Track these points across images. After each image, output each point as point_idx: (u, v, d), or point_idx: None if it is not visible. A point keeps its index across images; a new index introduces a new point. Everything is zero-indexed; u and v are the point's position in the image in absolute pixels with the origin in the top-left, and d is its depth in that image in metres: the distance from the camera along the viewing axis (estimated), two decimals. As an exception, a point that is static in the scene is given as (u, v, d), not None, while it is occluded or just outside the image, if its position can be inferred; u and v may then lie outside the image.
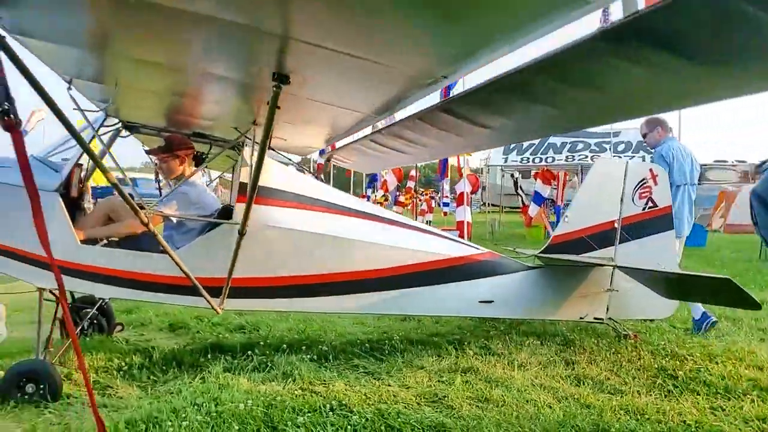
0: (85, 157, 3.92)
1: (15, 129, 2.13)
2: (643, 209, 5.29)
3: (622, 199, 5.27)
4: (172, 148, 4.21)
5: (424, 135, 3.35)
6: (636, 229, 5.26)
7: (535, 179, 20.00)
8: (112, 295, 4.02)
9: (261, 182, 4.23)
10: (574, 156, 20.59)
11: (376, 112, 2.34)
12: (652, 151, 5.99)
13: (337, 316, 5.78)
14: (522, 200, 22.53)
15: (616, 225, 5.27)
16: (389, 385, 3.87)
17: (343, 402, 3.41)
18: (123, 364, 4.17)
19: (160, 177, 4.74)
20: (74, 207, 4.30)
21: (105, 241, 4.14)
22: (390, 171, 19.44)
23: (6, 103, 2.03)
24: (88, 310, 5.05)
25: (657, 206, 5.29)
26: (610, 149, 19.43)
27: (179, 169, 4.29)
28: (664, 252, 5.23)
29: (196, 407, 3.25)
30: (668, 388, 3.73)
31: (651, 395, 3.61)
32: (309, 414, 3.20)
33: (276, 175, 4.28)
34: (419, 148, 3.94)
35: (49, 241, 2.46)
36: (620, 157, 16.92)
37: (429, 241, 4.91)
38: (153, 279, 4.06)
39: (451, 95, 2.70)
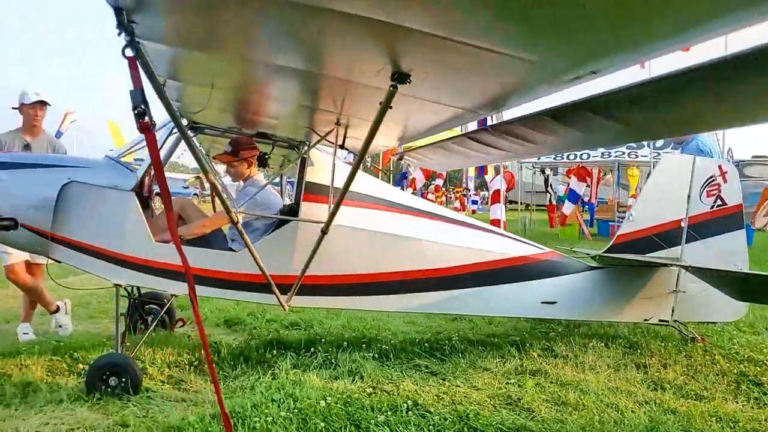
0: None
1: (150, 131, 2.16)
2: (711, 208, 5.13)
3: (688, 197, 5.12)
4: (239, 151, 4.23)
5: (525, 136, 3.30)
6: (703, 228, 5.11)
7: (569, 176, 19.67)
8: (184, 292, 4.06)
9: (326, 182, 4.27)
10: (610, 153, 20.12)
11: (484, 110, 2.29)
12: (679, 145, 5.78)
13: (390, 314, 5.77)
14: (550, 198, 22.18)
15: (682, 224, 5.13)
16: (458, 386, 3.83)
17: (418, 402, 3.38)
18: (193, 359, 4.22)
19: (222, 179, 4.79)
20: (145, 206, 4.38)
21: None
22: (418, 168, 19.36)
23: (142, 106, 2.06)
24: (152, 305, 5.17)
25: (726, 204, 5.12)
26: (649, 145, 18.94)
27: (247, 171, 4.32)
28: (734, 252, 5.06)
29: (274, 403, 3.27)
30: (754, 395, 3.60)
31: (737, 402, 3.49)
32: (388, 413, 3.18)
33: (341, 174, 4.28)
34: (514, 149, 3.88)
35: (182, 248, 2.47)
36: (659, 153, 16.47)
37: (492, 240, 4.85)
38: (223, 276, 4.11)
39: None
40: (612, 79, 1.76)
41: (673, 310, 5.03)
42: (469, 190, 26.81)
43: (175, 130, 4.21)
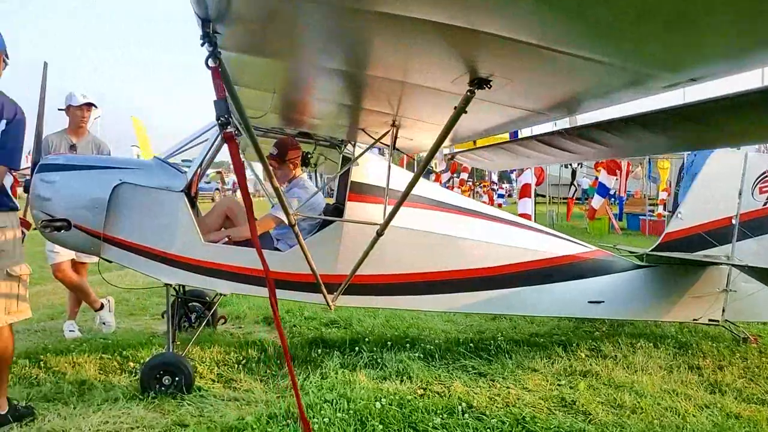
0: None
1: (233, 140, 2.17)
2: (765, 204, 4.96)
3: (740, 194, 4.97)
4: (285, 153, 4.24)
5: (602, 140, 3.25)
6: (756, 225, 4.95)
7: (597, 170, 19.29)
8: (233, 291, 4.09)
9: (377, 182, 4.25)
10: (640, 145, 19.58)
11: (558, 113, 2.23)
12: None
13: (429, 313, 5.74)
14: (574, 191, 21.77)
15: (733, 221, 4.97)
16: (509, 388, 3.78)
17: (472, 404, 3.35)
18: (240, 357, 4.26)
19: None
20: (192, 206, 4.42)
21: (225, 239, 4.24)
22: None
23: (226, 116, 2.06)
24: (195, 304, 5.23)
25: (781, 201, 4.95)
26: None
27: (292, 173, 4.32)
28: (791, 250, 4.89)
29: (328, 403, 3.27)
30: (822, 400, 3.48)
31: (805, 407, 3.38)
32: (444, 415, 3.16)
33: (399, 177, 4.27)
34: (584, 151, 3.82)
35: (262, 252, 2.46)
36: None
37: (539, 239, 4.77)
38: (274, 276, 4.10)
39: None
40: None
41: (723, 310, 4.89)
42: (496, 184, 26.58)
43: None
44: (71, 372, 3.93)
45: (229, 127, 2.08)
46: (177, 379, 3.57)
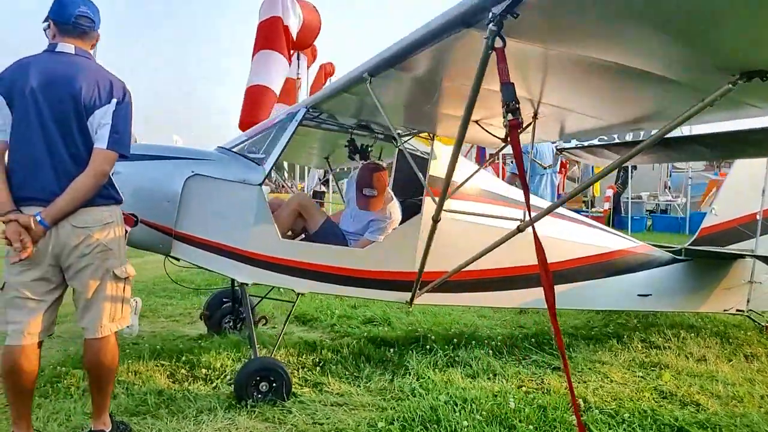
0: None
1: (516, 129, 1.99)
2: (787, 201, 5.33)
3: (763, 192, 5.31)
4: (383, 186, 4.08)
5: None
6: (778, 220, 5.31)
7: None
8: (310, 290, 3.87)
9: (455, 177, 4.16)
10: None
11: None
12: None
13: (457, 307, 5.71)
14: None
15: (757, 217, 5.31)
16: (600, 382, 3.81)
17: (587, 399, 3.36)
18: (316, 359, 4.05)
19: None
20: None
21: (303, 235, 4.00)
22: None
23: (514, 102, 1.89)
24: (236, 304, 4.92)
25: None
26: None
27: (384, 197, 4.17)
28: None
29: (448, 405, 3.17)
30: None
31: None
32: (571, 412, 3.14)
33: (465, 169, 4.20)
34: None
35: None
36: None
37: (595, 234, 4.88)
38: (346, 272, 3.94)
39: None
40: None
41: (748, 300, 5.24)
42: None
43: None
44: (138, 382, 3.57)
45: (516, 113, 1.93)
46: (275, 385, 3.32)
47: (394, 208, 4.10)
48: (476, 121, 3.55)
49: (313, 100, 3.80)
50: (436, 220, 3.28)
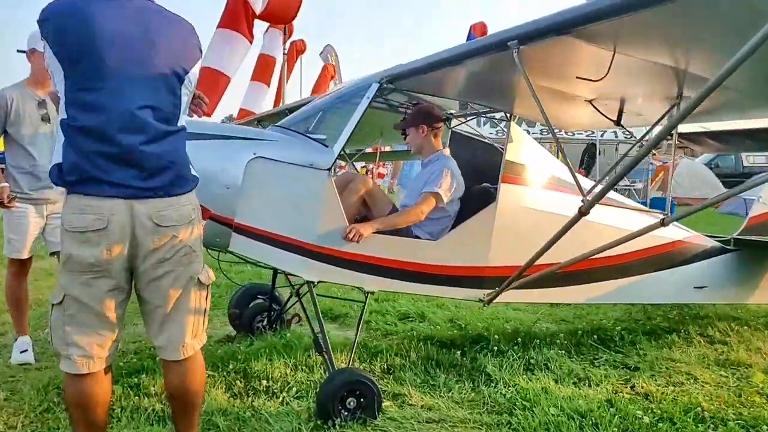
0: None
1: None
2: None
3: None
4: (434, 121, 3.64)
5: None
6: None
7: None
8: (381, 288, 3.45)
9: (533, 163, 3.81)
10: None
11: None
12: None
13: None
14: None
15: (808, 204, 5.23)
16: (695, 383, 3.57)
17: (702, 406, 3.10)
18: (384, 365, 3.65)
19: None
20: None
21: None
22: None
23: None
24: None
25: None
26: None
27: (434, 145, 3.73)
28: None
29: (571, 422, 2.84)
30: None
31: None
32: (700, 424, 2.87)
33: (541, 155, 3.86)
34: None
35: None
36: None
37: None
38: (419, 268, 3.53)
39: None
40: None
41: (790, 291, 5.16)
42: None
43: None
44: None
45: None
46: (364, 400, 2.90)
47: (455, 167, 3.67)
48: (591, 101, 3.19)
49: (394, 73, 3.31)
50: (584, 212, 2.88)
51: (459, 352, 3.93)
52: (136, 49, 2.01)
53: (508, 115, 3.86)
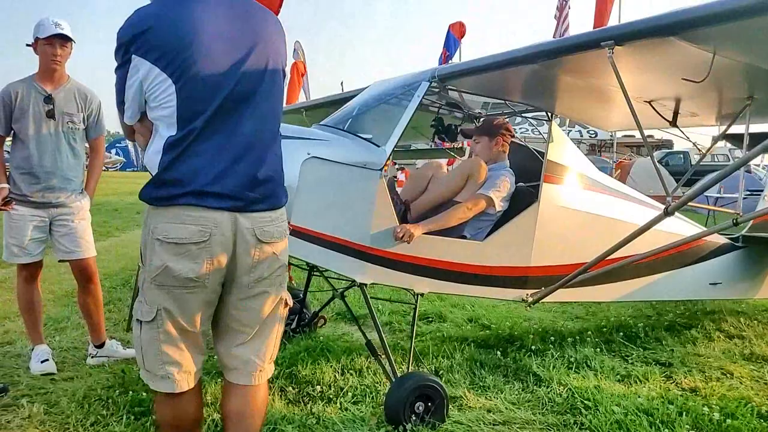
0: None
1: None
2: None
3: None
4: (501, 130, 3.64)
5: None
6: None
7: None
8: (431, 290, 3.39)
9: (573, 164, 3.83)
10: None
11: None
12: None
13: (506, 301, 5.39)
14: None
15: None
16: (734, 380, 3.64)
17: (752, 399, 3.17)
18: (430, 368, 3.60)
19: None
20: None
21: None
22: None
23: None
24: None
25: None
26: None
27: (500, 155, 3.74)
28: None
29: (639, 421, 2.85)
30: None
31: None
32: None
33: (577, 155, 3.88)
34: None
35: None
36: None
37: (673, 221, 4.73)
38: (468, 269, 3.50)
39: None
40: None
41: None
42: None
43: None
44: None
45: None
46: (432, 404, 2.85)
47: (508, 174, 3.69)
48: (649, 102, 3.21)
49: (446, 72, 3.26)
50: (670, 213, 2.89)
51: (499, 353, 3.92)
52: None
53: (550, 114, 3.87)
